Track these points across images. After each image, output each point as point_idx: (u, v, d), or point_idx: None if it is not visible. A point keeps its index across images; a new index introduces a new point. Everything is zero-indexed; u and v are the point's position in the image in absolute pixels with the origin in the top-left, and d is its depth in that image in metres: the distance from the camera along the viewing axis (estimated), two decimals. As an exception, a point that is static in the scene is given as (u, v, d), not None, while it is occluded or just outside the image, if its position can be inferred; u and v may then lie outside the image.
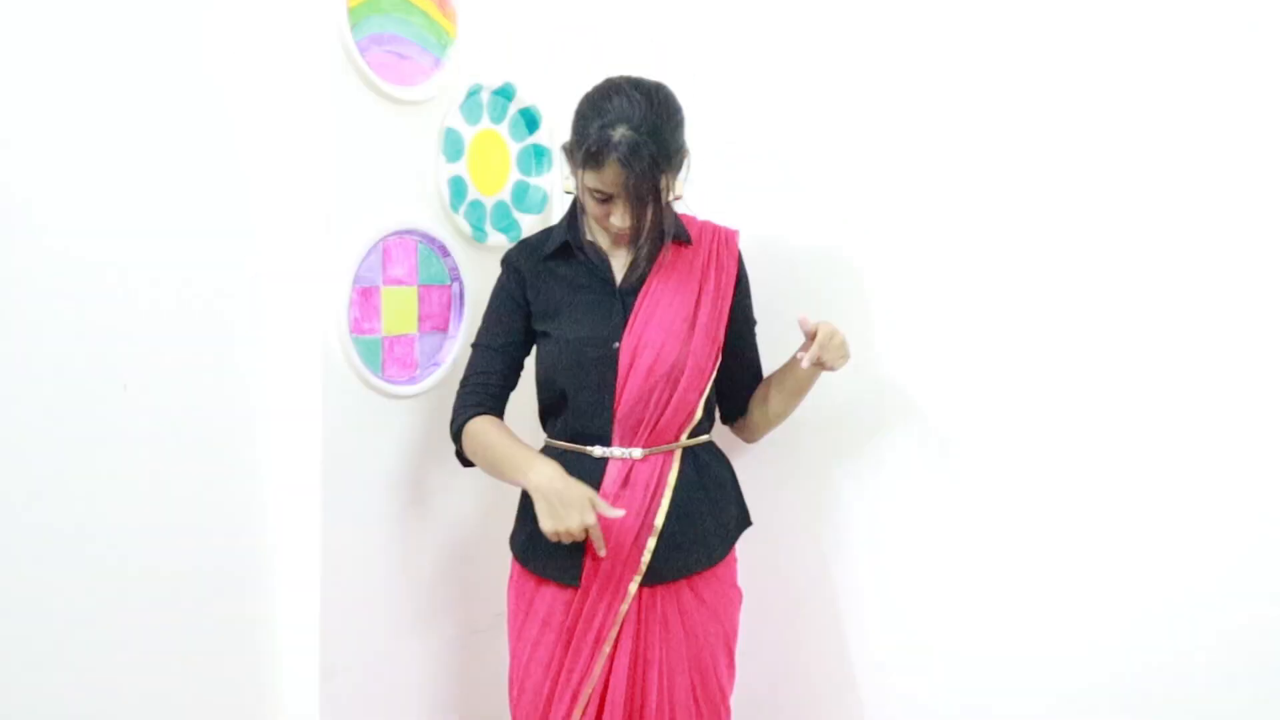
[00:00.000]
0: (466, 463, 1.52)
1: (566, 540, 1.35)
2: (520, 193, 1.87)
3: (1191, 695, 1.43)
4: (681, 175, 1.44)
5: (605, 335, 1.44)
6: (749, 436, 1.65)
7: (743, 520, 1.57)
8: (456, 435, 1.49)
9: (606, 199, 1.39)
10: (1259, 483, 1.38)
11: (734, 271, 1.51)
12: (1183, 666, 1.43)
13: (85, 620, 1.33)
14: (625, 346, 1.43)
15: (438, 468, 1.71)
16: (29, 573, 1.27)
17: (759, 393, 1.60)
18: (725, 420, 1.64)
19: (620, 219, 1.40)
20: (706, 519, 1.47)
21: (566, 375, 1.45)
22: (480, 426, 1.46)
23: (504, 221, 1.83)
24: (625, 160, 1.34)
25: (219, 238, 1.47)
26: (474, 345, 1.54)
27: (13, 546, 1.25)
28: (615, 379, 1.43)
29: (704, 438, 1.52)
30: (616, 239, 1.47)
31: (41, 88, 1.26)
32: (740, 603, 1.56)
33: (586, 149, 1.36)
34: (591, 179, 1.38)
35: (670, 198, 1.43)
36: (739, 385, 1.59)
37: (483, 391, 1.50)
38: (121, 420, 1.36)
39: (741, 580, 1.57)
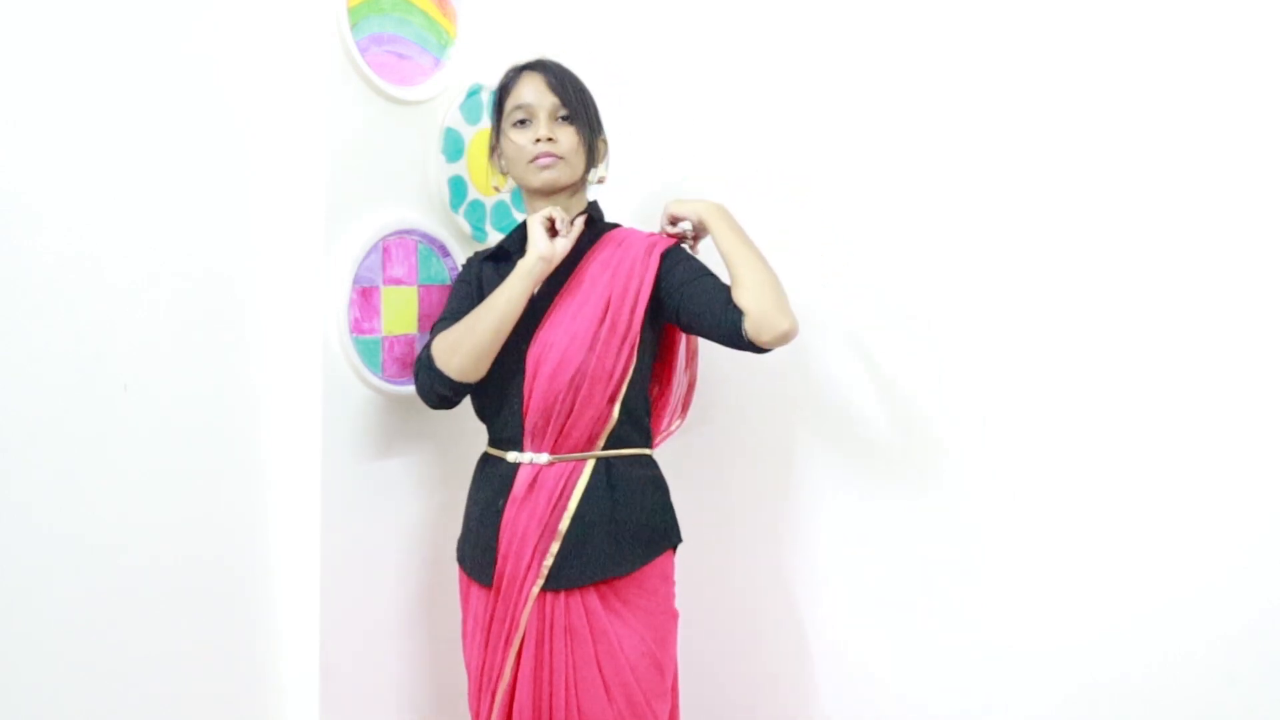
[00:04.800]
0: (441, 397, 1.48)
1: (562, 230, 1.45)
2: (519, 193, 1.86)
3: (1192, 695, 1.43)
4: (605, 161, 1.57)
5: (516, 339, 1.45)
6: (774, 324, 1.36)
7: (667, 536, 1.51)
8: (425, 361, 1.47)
9: (525, 120, 1.48)
10: (1258, 482, 1.38)
11: (651, 276, 1.46)
12: (1182, 666, 1.44)
13: (85, 620, 1.33)
14: (531, 352, 1.45)
15: (438, 467, 1.71)
16: (29, 572, 1.27)
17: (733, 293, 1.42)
18: (742, 339, 1.39)
19: (545, 126, 1.46)
20: (613, 528, 1.44)
21: (485, 379, 1.47)
22: (447, 332, 1.47)
23: (504, 221, 1.83)
24: (540, 63, 1.51)
25: (219, 237, 1.47)
26: (434, 326, 1.53)
27: (13, 545, 1.25)
28: (524, 383, 1.45)
29: (628, 450, 1.48)
30: (538, 168, 1.47)
31: (40, 88, 1.26)
32: (673, 625, 1.51)
33: (502, 85, 1.52)
34: (510, 103, 1.50)
35: (595, 173, 1.55)
36: (718, 311, 1.41)
37: None
38: (121, 421, 1.36)
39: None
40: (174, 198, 1.41)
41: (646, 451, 1.53)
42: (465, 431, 1.72)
